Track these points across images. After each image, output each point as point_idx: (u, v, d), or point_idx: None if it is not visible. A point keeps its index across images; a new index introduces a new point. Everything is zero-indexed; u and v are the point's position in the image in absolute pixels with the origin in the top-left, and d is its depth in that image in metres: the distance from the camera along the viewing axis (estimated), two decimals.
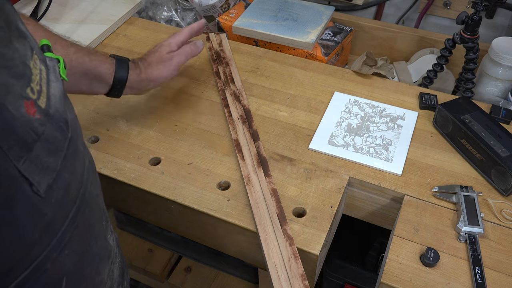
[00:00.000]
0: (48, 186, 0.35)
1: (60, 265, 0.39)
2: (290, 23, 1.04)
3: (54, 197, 0.37)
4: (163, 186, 0.73)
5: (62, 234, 0.38)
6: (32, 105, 0.34)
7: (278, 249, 0.63)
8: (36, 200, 0.34)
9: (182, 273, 1.22)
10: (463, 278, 0.61)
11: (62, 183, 0.38)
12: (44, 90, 0.37)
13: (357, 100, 0.87)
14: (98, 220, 0.48)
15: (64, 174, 0.38)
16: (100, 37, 1.03)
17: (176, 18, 1.14)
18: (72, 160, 0.40)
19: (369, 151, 0.78)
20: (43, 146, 0.35)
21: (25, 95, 0.34)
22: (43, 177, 0.35)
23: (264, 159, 0.75)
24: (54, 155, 0.37)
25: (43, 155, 0.35)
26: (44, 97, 0.37)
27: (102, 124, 0.83)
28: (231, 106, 0.84)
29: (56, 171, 0.37)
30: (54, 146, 0.37)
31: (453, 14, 1.12)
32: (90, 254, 0.45)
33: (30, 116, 0.34)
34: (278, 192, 0.71)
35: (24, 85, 0.34)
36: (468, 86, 0.90)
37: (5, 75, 0.32)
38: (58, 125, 0.38)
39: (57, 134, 0.37)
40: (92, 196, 0.45)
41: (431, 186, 0.72)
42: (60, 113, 0.39)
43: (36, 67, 0.37)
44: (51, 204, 0.36)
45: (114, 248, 0.53)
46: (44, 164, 0.35)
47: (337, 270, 1.03)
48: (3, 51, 0.33)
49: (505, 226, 0.67)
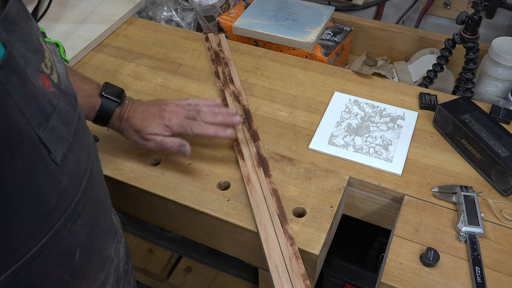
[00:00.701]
0: (63, 155, 0.38)
1: (74, 235, 0.41)
2: (290, 23, 1.04)
3: (68, 167, 0.39)
4: (163, 186, 0.73)
5: (76, 204, 0.41)
6: (47, 79, 0.37)
7: (279, 249, 0.63)
8: (53, 167, 0.37)
9: (182, 273, 1.22)
10: (463, 278, 0.61)
11: (74, 155, 0.40)
12: (54, 67, 0.39)
13: (357, 100, 0.87)
14: (104, 197, 0.50)
15: (75, 146, 0.40)
16: (100, 37, 1.03)
17: (176, 18, 1.15)
18: (81, 135, 0.43)
19: (369, 151, 0.78)
20: (58, 118, 0.37)
21: (41, 68, 0.36)
22: (59, 146, 0.37)
23: (264, 159, 0.75)
24: (67, 127, 0.39)
25: (58, 125, 0.37)
26: (55, 74, 0.39)
27: None
28: (231, 106, 0.84)
29: (69, 142, 0.39)
30: (66, 118, 0.39)
31: (453, 14, 1.12)
32: (99, 228, 0.47)
33: (46, 88, 0.36)
34: (278, 192, 0.71)
35: (40, 59, 0.36)
36: (468, 86, 0.90)
37: (24, 48, 0.34)
38: (69, 100, 0.40)
39: (69, 108, 0.40)
40: (98, 172, 0.48)
41: (431, 186, 0.72)
42: (69, 89, 0.41)
43: (44, 46, 0.39)
44: (65, 173, 0.38)
45: (119, 229, 0.56)
46: (60, 134, 0.38)
47: (337, 270, 1.03)
48: (22, 26, 0.34)
49: (505, 226, 0.67)
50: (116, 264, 0.52)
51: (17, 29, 0.34)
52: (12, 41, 0.33)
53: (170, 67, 0.96)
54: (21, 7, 0.35)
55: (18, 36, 0.34)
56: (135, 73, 0.94)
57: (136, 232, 1.25)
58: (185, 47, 1.02)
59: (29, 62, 0.34)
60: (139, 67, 0.96)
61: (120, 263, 0.53)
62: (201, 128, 0.71)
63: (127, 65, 0.97)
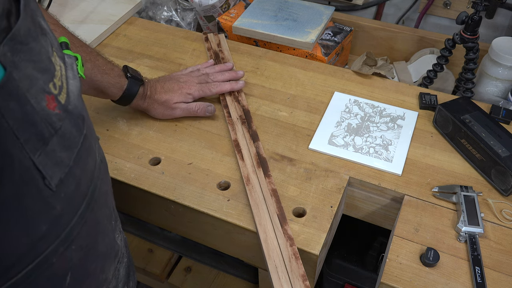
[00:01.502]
0: (60, 180, 0.36)
1: (66, 260, 0.39)
2: (290, 23, 1.04)
3: (64, 192, 0.37)
4: (163, 186, 0.73)
5: (71, 229, 0.39)
6: (53, 100, 0.35)
7: (279, 250, 0.63)
8: (47, 193, 0.35)
9: (182, 273, 1.22)
10: (463, 278, 0.61)
11: (73, 179, 0.38)
12: (64, 86, 0.38)
13: (357, 100, 0.87)
14: (107, 218, 0.48)
15: (76, 170, 0.39)
16: (100, 37, 1.03)
17: (176, 18, 1.15)
18: (85, 157, 0.41)
19: (369, 151, 0.78)
20: (58, 141, 0.36)
21: (48, 89, 0.35)
22: (56, 171, 0.36)
23: (264, 159, 0.75)
24: (68, 150, 0.37)
25: (58, 149, 0.36)
26: (64, 93, 0.38)
27: (102, 124, 0.83)
28: (230, 107, 0.84)
29: (68, 166, 0.37)
30: (69, 142, 0.38)
31: (453, 14, 1.12)
32: (96, 251, 0.45)
33: (50, 110, 0.35)
34: (278, 192, 0.71)
35: (48, 80, 0.35)
36: (468, 86, 0.90)
37: (31, 68, 0.33)
38: (75, 122, 0.39)
39: (73, 130, 0.38)
40: (101, 193, 0.46)
41: (431, 186, 0.72)
42: (78, 109, 0.40)
43: (57, 63, 0.37)
44: (61, 198, 0.37)
45: (121, 248, 0.53)
46: (58, 158, 0.36)
47: (337, 270, 1.03)
48: (32, 46, 0.33)
49: (505, 226, 0.67)
50: (114, 285, 0.50)
51: (25, 49, 0.33)
52: (18, 62, 0.31)
53: (170, 67, 0.96)
54: (33, 25, 0.34)
55: (26, 56, 0.33)
56: None
57: (136, 232, 1.25)
58: (185, 47, 1.02)
59: (34, 83, 0.33)
60: (139, 67, 0.96)
61: (118, 284, 0.52)
62: (219, 87, 0.84)
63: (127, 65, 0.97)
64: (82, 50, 0.71)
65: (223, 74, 0.86)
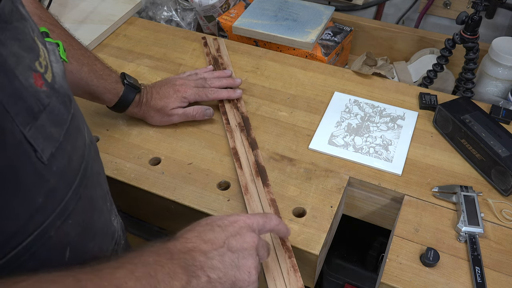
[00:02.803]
0: (51, 154, 0.38)
1: (64, 234, 0.41)
2: (290, 23, 1.04)
3: (56, 166, 0.39)
4: (163, 186, 0.73)
5: (66, 204, 0.40)
6: (39, 78, 0.37)
7: (277, 262, 0.61)
8: (39, 166, 0.36)
9: None
10: (463, 278, 0.61)
11: (64, 154, 0.40)
12: (49, 66, 0.40)
13: (357, 100, 0.87)
14: (101, 199, 0.49)
15: (66, 145, 0.40)
16: (100, 37, 1.03)
17: (176, 18, 1.15)
18: (74, 135, 0.42)
19: (369, 151, 0.78)
20: (48, 117, 0.37)
21: (34, 67, 0.36)
22: (47, 145, 0.37)
23: (263, 168, 0.74)
24: (58, 126, 0.39)
25: (47, 125, 0.37)
26: (50, 73, 0.39)
27: (102, 124, 0.83)
28: (229, 114, 0.84)
29: (59, 141, 0.39)
30: (58, 118, 0.39)
31: (453, 14, 1.12)
32: (93, 229, 0.47)
33: (38, 87, 0.36)
34: (278, 192, 0.71)
35: (33, 58, 0.37)
36: (468, 86, 0.90)
37: (16, 47, 0.34)
38: (62, 100, 0.40)
39: (61, 107, 0.40)
40: (93, 173, 0.47)
41: (431, 186, 0.72)
42: (64, 89, 0.41)
43: (40, 46, 0.39)
44: (53, 172, 0.38)
45: (118, 230, 0.54)
46: (48, 133, 0.37)
47: (337, 270, 1.03)
48: (16, 25, 0.35)
49: (505, 226, 0.67)
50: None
51: (10, 27, 0.34)
52: (4, 39, 0.33)
53: (170, 67, 0.96)
54: (15, 7, 0.35)
55: (11, 34, 0.34)
56: (135, 73, 0.94)
57: (136, 232, 1.25)
58: (185, 47, 1.02)
59: (21, 60, 0.35)
60: (139, 67, 0.96)
61: None
62: (216, 94, 0.82)
63: (127, 65, 0.97)
64: (80, 54, 0.71)
65: (221, 80, 0.85)
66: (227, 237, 0.48)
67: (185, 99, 0.79)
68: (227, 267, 0.46)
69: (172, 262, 0.42)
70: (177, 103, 0.79)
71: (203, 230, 0.48)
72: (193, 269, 0.43)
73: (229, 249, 0.47)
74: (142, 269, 0.39)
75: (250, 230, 0.50)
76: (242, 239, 0.48)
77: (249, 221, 0.51)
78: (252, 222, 0.51)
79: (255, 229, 0.51)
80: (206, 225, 0.49)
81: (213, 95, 0.82)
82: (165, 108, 0.79)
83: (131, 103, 0.77)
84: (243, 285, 0.47)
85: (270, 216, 0.54)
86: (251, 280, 0.48)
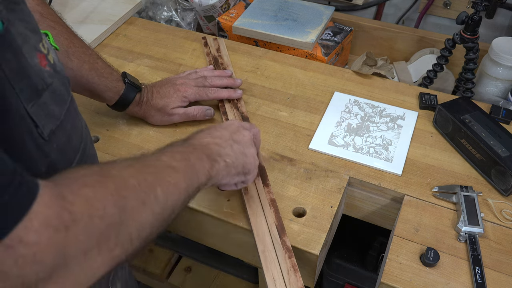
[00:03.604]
0: (51, 131, 0.39)
1: None
2: (290, 23, 1.04)
3: (57, 143, 0.40)
4: None
5: None
6: (44, 58, 0.39)
7: (277, 262, 0.61)
8: (40, 141, 0.38)
9: (182, 273, 1.22)
10: (463, 278, 0.61)
11: (64, 132, 0.42)
12: (50, 50, 0.41)
13: (357, 100, 0.87)
14: None
15: (66, 124, 0.42)
16: (100, 37, 1.03)
17: (176, 18, 1.15)
18: (74, 116, 0.45)
19: (369, 151, 0.78)
20: (50, 96, 0.39)
21: (39, 48, 0.38)
22: (48, 122, 0.39)
23: (263, 168, 0.74)
24: (59, 105, 0.41)
25: (49, 103, 0.39)
26: (51, 55, 0.41)
27: (102, 124, 0.83)
28: (229, 114, 0.83)
29: (59, 120, 0.41)
30: (59, 98, 0.41)
31: (453, 14, 1.12)
32: None
33: (42, 67, 0.38)
34: (278, 192, 0.71)
35: (38, 40, 0.39)
36: (468, 86, 0.90)
37: (23, 27, 0.36)
38: (63, 81, 0.42)
39: (62, 88, 0.42)
40: (91, 155, 0.50)
41: (431, 186, 0.72)
42: (63, 72, 0.43)
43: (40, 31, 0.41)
44: (53, 148, 0.40)
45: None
46: (50, 111, 0.39)
47: (337, 270, 1.03)
48: (22, 7, 0.37)
49: (505, 226, 0.67)
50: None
51: (18, 8, 0.36)
52: (12, 20, 0.35)
53: (170, 67, 0.96)
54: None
55: (19, 15, 0.36)
56: (135, 73, 0.94)
57: None
58: (185, 47, 1.02)
59: (27, 40, 0.37)
60: (139, 67, 0.96)
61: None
62: (216, 93, 0.82)
63: (127, 65, 0.97)
64: (82, 52, 0.71)
65: (221, 79, 0.84)
66: (230, 134, 0.59)
67: (185, 98, 0.79)
68: (237, 154, 0.58)
69: (197, 150, 0.52)
70: (177, 103, 0.79)
71: (209, 130, 0.58)
72: (213, 156, 0.54)
73: (235, 141, 0.58)
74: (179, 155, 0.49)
75: (244, 129, 0.62)
76: (241, 134, 0.60)
77: (241, 123, 0.63)
78: (243, 124, 0.63)
79: (246, 128, 0.63)
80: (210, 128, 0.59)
81: (213, 95, 0.82)
82: (166, 108, 0.79)
83: (132, 102, 0.77)
84: (250, 167, 0.60)
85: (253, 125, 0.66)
86: (256, 164, 0.61)
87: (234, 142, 0.58)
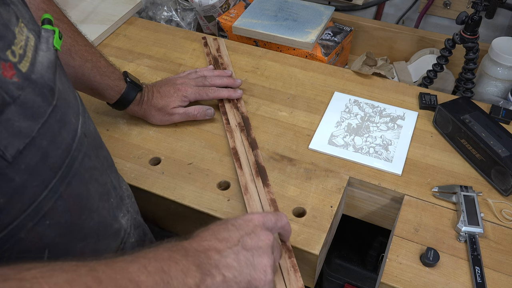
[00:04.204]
0: (17, 151, 0.34)
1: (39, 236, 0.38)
2: (290, 23, 1.04)
3: (25, 164, 0.35)
4: (163, 186, 0.73)
5: (40, 204, 0.37)
6: (10, 68, 0.34)
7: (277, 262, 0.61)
8: (1, 164, 0.33)
9: None
10: (463, 278, 0.61)
11: (37, 150, 0.36)
12: (28, 55, 0.36)
13: (357, 100, 0.87)
14: (99, 195, 0.46)
15: (41, 141, 0.37)
16: (100, 37, 1.03)
17: (176, 18, 1.15)
18: (55, 129, 0.39)
19: (369, 151, 0.78)
20: (17, 110, 0.34)
21: (4, 56, 0.33)
22: (12, 141, 0.34)
23: (263, 168, 0.74)
24: (31, 120, 0.36)
25: (16, 119, 0.34)
26: (27, 62, 0.36)
27: (102, 124, 0.83)
28: (229, 114, 0.83)
29: (30, 137, 0.35)
30: (32, 111, 0.36)
31: (453, 14, 1.12)
32: (84, 230, 0.43)
33: (6, 78, 0.33)
34: (278, 192, 0.71)
35: (4, 47, 0.33)
36: (468, 86, 0.90)
37: None
38: (40, 91, 0.37)
39: (38, 100, 0.36)
40: (85, 168, 0.43)
41: (431, 186, 0.72)
42: (45, 79, 0.38)
43: (22, 34, 0.36)
44: (21, 170, 0.35)
45: (126, 228, 0.51)
46: (16, 128, 0.34)
47: (337, 270, 1.03)
48: None
49: (505, 226, 0.67)
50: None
51: None
52: None
53: (170, 67, 0.96)
54: None
55: None
56: (135, 73, 0.94)
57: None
58: (185, 47, 1.02)
59: None
60: (139, 67, 0.97)
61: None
62: (216, 92, 0.82)
63: (127, 65, 0.97)
64: (85, 50, 0.71)
65: (221, 79, 0.84)
66: (241, 236, 0.46)
67: (185, 98, 0.80)
68: (242, 266, 0.45)
69: (186, 259, 0.41)
70: (178, 102, 0.79)
71: (217, 229, 0.47)
72: (207, 268, 0.42)
73: (244, 247, 0.46)
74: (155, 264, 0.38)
75: (264, 228, 0.49)
76: (257, 237, 0.47)
77: (263, 219, 0.49)
78: (265, 221, 0.49)
79: (268, 228, 0.50)
80: (221, 224, 0.48)
81: (213, 94, 0.82)
82: (166, 107, 0.79)
83: (133, 101, 0.77)
84: (259, 284, 0.45)
85: (281, 214, 0.53)
86: (267, 280, 0.46)
87: (242, 249, 0.46)
